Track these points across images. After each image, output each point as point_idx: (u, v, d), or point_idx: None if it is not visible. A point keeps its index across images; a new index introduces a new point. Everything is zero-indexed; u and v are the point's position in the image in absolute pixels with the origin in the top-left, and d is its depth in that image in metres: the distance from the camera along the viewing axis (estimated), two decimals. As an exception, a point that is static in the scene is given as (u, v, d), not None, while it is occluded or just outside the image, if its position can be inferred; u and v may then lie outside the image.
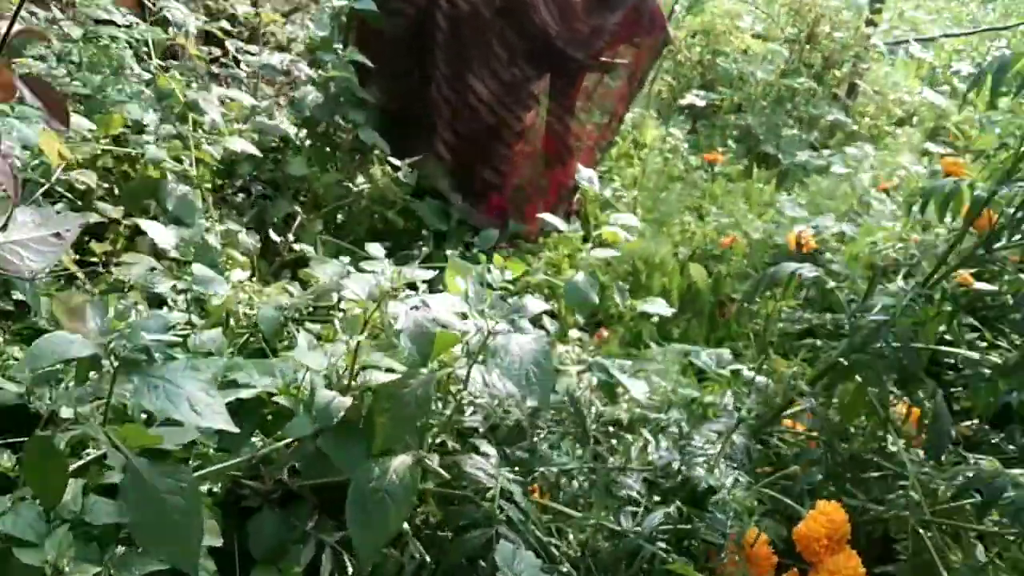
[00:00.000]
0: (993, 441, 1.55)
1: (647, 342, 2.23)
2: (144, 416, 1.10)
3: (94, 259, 1.71)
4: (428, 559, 1.09)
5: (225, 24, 2.53)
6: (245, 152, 1.93)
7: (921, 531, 1.20)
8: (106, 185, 1.95)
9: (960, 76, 5.26)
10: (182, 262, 1.89)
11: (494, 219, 2.65)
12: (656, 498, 1.18)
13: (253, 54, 2.44)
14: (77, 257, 1.70)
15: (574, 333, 2.02)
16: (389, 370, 1.23)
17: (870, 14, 4.52)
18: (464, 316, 1.13)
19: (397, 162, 2.32)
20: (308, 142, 2.34)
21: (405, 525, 1.10)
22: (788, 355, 2.05)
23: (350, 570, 1.08)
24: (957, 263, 1.47)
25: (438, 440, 1.21)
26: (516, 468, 1.22)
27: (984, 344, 1.65)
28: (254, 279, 1.96)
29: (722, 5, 4.43)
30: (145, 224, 1.53)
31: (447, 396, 1.27)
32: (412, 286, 1.28)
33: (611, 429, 1.28)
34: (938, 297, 1.45)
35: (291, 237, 2.02)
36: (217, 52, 2.74)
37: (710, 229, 2.73)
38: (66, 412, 1.09)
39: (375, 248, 1.95)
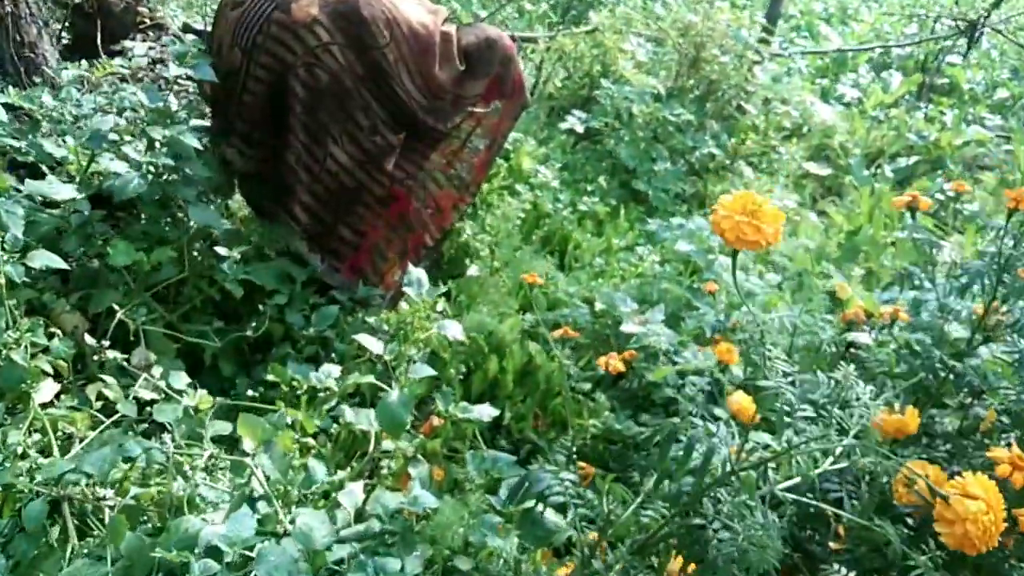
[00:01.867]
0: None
1: (473, 438, 2.30)
2: None
3: None
4: None
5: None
6: (49, 265, 1.89)
7: None
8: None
9: (857, 83, 5.34)
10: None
11: (351, 279, 2.66)
12: None
13: (79, 110, 2.33)
14: None
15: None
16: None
17: (767, 24, 4.53)
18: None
19: (223, 251, 2.28)
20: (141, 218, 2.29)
21: None
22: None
23: None
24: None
25: None
26: None
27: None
28: (66, 393, 1.96)
29: (618, 9, 4.37)
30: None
31: None
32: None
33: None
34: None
35: (105, 343, 2.00)
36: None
37: (560, 294, 2.79)
38: None
39: (179, 378, 1.96)
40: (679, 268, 3.01)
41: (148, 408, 1.95)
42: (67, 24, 3.90)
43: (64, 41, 3.93)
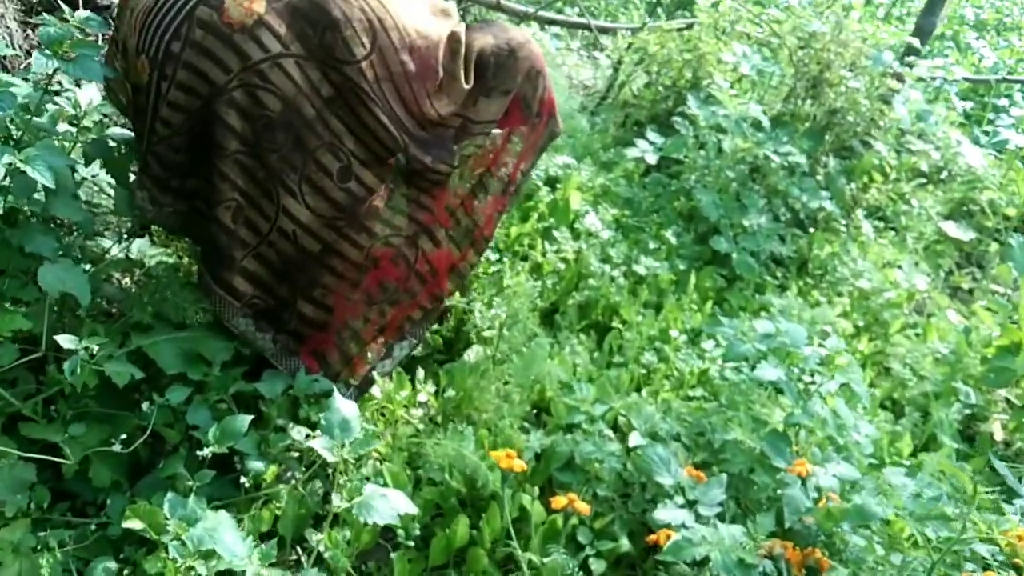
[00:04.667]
0: None
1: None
2: None
3: None
4: None
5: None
6: None
7: None
8: None
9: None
10: None
11: (310, 365, 1.94)
12: None
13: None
14: None
15: None
16: None
17: (911, 44, 3.54)
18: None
19: (68, 341, 1.55)
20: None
21: None
22: None
23: None
24: None
25: None
26: None
27: None
28: None
29: (726, 2, 3.45)
30: None
31: None
32: None
33: None
34: None
35: None
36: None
37: (580, 418, 1.99)
38: None
39: None
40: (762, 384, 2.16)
41: None
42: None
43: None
